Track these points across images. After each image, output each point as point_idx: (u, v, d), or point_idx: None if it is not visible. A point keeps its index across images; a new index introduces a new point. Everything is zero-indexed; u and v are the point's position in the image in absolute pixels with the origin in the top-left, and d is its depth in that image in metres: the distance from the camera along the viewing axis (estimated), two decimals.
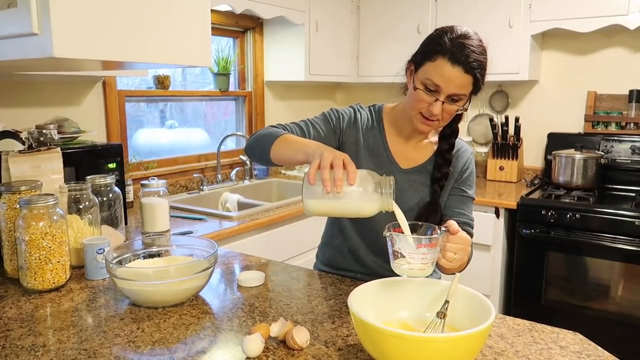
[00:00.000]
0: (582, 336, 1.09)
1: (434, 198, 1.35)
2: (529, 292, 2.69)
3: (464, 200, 1.40)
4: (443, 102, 1.21)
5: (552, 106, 3.22)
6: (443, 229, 1.07)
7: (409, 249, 1.00)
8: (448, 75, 1.19)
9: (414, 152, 1.40)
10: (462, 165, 1.39)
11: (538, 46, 3.11)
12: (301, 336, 1.00)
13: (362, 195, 1.02)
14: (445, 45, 1.19)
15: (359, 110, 1.43)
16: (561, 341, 1.06)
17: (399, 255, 1.02)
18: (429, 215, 1.33)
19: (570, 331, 1.11)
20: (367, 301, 1.02)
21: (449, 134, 1.36)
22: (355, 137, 1.39)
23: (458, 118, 1.34)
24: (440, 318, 1.00)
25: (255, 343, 0.97)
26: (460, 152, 1.40)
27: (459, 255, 1.10)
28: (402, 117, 1.37)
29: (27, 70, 1.80)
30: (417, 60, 1.26)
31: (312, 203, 1.05)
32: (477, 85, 1.23)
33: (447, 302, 1.02)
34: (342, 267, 1.49)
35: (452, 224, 1.09)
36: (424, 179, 1.38)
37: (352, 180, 1.01)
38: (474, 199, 1.43)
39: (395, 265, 1.04)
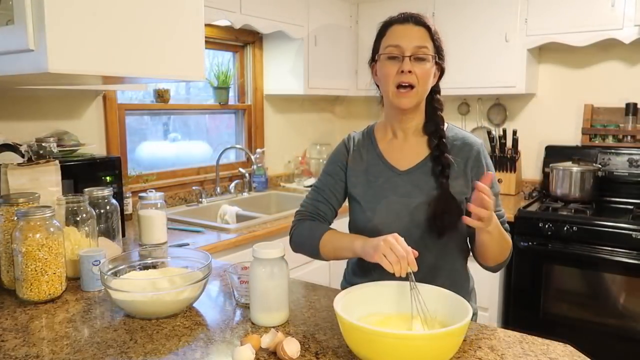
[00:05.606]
0: (572, 348, 1.09)
1: (444, 189, 1.31)
2: (528, 305, 2.68)
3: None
4: (410, 58, 1.28)
5: (550, 119, 3.24)
6: None
7: None
8: (402, 31, 1.30)
9: (411, 151, 1.38)
10: (467, 154, 1.35)
11: (535, 60, 3.13)
12: (292, 347, 1.01)
13: None
14: (390, 19, 1.34)
15: (349, 138, 1.48)
16: (551, 353, 1.07)
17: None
18: (445, 207, 1.29)
19: (560, 343, 1.11)
20: (352, 302, 1.09)
21: (433, 130, 1.36)
22: (354, 160, 1.43)
23: (438, 106, 1.38)
24: (413, 288, 1.10)
25: (245, 354, 0.98)
26: (465, 141, 1.36)
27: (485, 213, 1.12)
28: (389, 116, 1.41)
29: (26, 85, 1.83)
30: (374, 52, 1.39)
31: None
32: (435, 39, 1.31)
33: (409, 273, 1.10)
34: None
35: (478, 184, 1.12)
36: (428, 176, 1.34)
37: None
38: (499, 192, 1.38)
39: None
